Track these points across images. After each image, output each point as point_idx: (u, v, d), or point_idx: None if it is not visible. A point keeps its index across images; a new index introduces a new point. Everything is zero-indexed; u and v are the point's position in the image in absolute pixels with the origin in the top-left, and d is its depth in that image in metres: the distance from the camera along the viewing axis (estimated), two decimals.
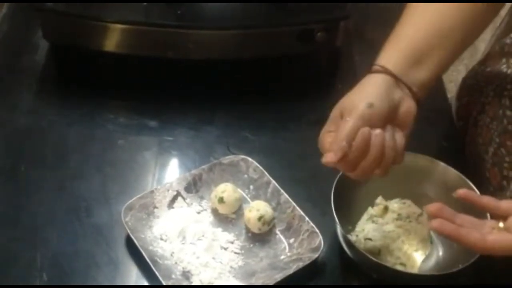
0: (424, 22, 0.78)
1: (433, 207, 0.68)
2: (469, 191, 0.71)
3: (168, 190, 0.89)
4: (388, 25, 1.22)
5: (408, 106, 0.75)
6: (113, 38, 1.04)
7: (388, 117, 0.73)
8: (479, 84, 0.96)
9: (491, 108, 0.91)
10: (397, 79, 0.75)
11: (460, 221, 0.67)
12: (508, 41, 0.90)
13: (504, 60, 0.89)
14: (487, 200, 0.69)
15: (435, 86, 1.12)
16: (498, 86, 0.89)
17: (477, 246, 0.64)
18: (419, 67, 0.76)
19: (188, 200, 0.90)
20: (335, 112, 0.75)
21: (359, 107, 0.72)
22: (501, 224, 0.67)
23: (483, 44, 1.07)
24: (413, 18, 0.79)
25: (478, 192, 0.82)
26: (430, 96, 1.09)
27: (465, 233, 0.65)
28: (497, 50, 0.92)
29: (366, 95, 0.74)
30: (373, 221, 0.86)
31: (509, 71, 0.88)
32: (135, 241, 0.82)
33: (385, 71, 0.75)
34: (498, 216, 0.68)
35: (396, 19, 1.24)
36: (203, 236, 0.86)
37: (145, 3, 1.01)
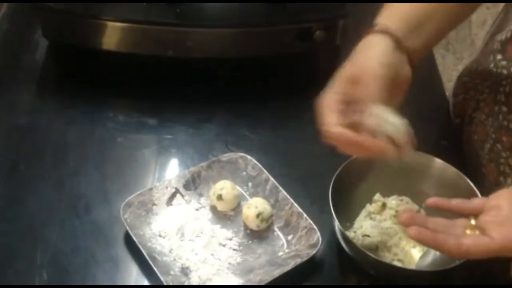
0: None
1: (403, 217, 0.68)
2: (438, 199, 0.71)
3: (167, 188, 0.89)
4: None
5: (406, 72, 0.74)
6: (113, 37, 1.04)
7: (392, 81, 0.72)
8: (473, 81, 0.96)
9: (486, 105, 0.91)
10: (398, 43, 0.73)
11: (432, 225, 0.67)
12: (499, 37, 0.90)
13: (491, 58, 0.90)
14: (456, 203, 0.70)
15: (434, 85, 1.13)
16: (493, 82, 0.89)
17: (453, 252, 0.65)
18: (416, 33, 0.75)
19: (186, 197, 0.90)
20: (344, 74, 0.72)
21: (374, 67, 0.70)
22: (472, 222, 0.67)
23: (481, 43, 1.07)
24: None
25: (476, 190, 0.82)
26: (429, 94, 1.11)
27: (441, 240, 0.65)
28: (489, 48, 0.92)
29: (375, 55, 0.72)
30: (371, 218, 0.86)
31: (498, 70, 0.88)
32: (134, 238, 0.83)
33: (388, 32, 0.73)
34: (471, 215, 0.68)
35: None
36: (201, 233, 0.86)
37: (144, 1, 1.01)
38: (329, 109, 0.70)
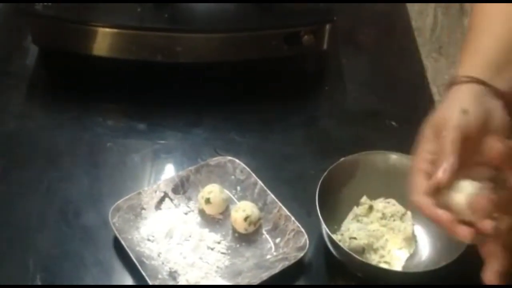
0: (500, 29, 0.73)
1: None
2: None
3: (155, 192, 0.90)
4: (375, 27, 1.25)
5: (501, 118, 0.67)
6: (102, 42, 1.05)
7: (484, 128, 0.66)
8: None
9: None
10: (488, 86, 0.68)
11: None
12: None
13: None
14: None
15: (423, 88, 1.14)
16: None
17: None
18: (502, 75, 0.70)
19: (175, 201, 0.90)
20: (426, 132, 0.68)
21: (453, 117, 0.65)
22: None
23: None
24: (487, 26, 0.74)
25: None
26: (417, 97, 1.11)
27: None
28: None
29: (458, 103, 0.66)
30: (358, 221, 0.86)
31: None
32: (122, 242, 0.83)
33: (473, 80, 0.68)
34: None
35: (383, 21, 1.26)
36: (190, 236, 0.87)
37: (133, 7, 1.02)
38: (418, 173, 0.67)
